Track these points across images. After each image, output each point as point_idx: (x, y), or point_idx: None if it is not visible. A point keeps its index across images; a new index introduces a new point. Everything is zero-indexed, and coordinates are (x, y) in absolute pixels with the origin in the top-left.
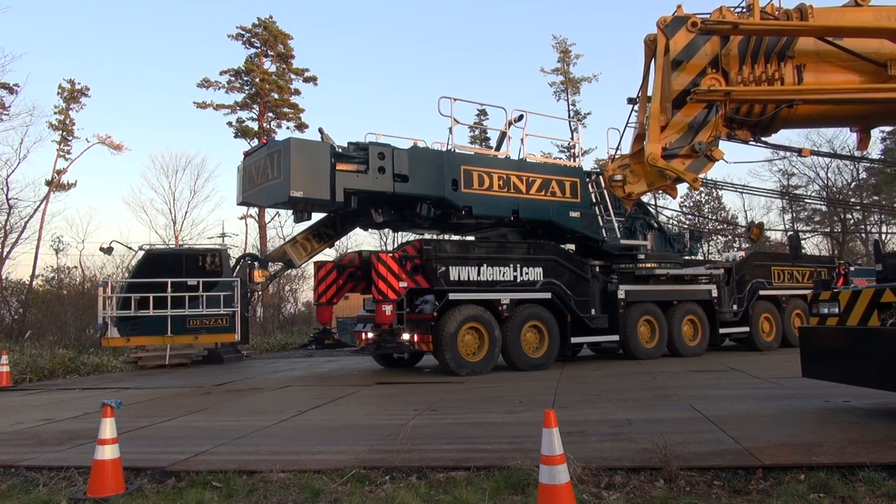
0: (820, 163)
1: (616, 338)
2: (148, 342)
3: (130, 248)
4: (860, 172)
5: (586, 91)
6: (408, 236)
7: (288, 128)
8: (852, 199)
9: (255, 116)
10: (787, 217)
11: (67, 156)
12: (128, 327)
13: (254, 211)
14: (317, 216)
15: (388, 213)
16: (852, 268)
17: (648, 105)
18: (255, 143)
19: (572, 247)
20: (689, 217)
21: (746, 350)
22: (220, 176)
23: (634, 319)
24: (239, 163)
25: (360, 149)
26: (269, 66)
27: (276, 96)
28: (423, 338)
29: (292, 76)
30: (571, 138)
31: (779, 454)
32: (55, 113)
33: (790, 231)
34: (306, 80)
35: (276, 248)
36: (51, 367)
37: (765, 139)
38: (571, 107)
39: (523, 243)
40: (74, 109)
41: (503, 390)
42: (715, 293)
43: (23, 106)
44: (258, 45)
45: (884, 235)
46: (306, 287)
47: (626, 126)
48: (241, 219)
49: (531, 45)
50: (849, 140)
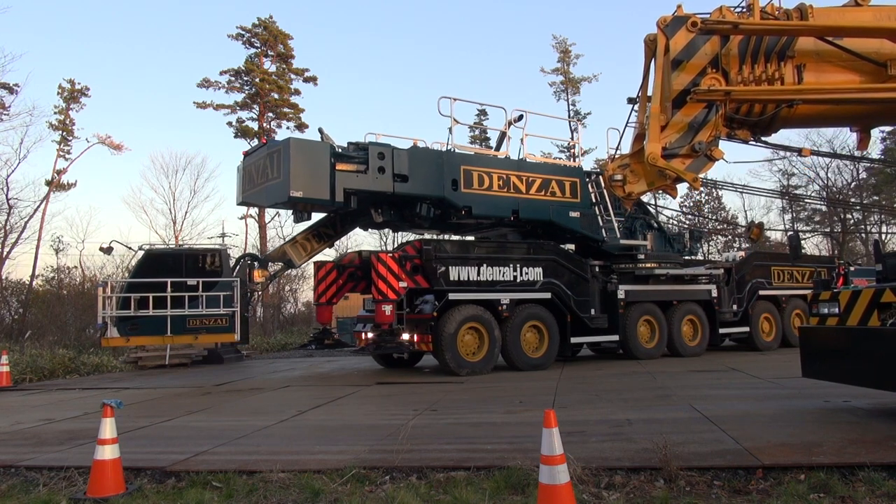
0: (820, 163)
1: (616, 338)
2: (147, 342)
3: (130, 248)
4: (860, 172)
5: (586, 91)
6: (408, 236)
7: (288, 128)
8: (852, 199)
9: (255, 116)
10: (787, 217)
11: (67, 156)
12: (127, 327)
13: (254, 211)
14: (317, 216)
15: (387, 213)
16: (852, 268)
17: (648, 105)
18: (255, 143)
19: (572, 247)
20: (689, 217)
21: (746, 350)
22: (220, 176)
23: (634, 319)
24: (239, 163)
25: (360, 149)
26: (269, 66)
27: (276, 96)
28: (423, 338)
29: (292, 76)
30: (571, 138)
31: (779, 454)
32: (55, 113)
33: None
34: (306, 80)
35: (276, 248)
36: (51, 367)
37: (765, 139)
38: (571, 107)
39: (523, 243)
40: (74, 109)
41: (503, 390)
42: (715, 293)
43: (23, 106)
44: (258, 45)
45: (884, 235)
46: (306, 287)
47: (625, 126)
48: (241, 219)
49: (531, 45)
50: (849, 140)
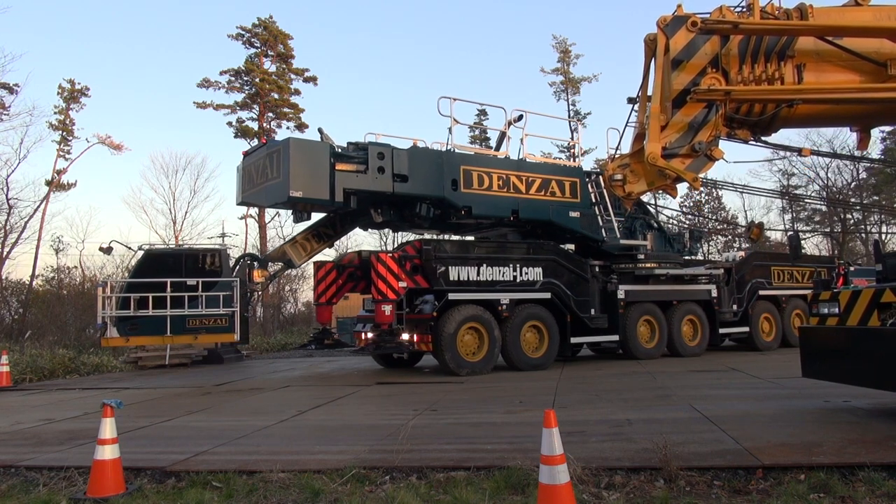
0: (820, 163)
1: (616, 338)
2: (147, 342)
3: (130, 248)
4: (860, 172)
5: (586, 91)
6: (407, 236)
7: (288, 128)
8: (852, 199)
9: (255, 116)
10: (787, 217)
11: (67, 156)
12: (127, 327)
13: (254, 211)
14: (316, 216)
15: (387, 213)
16: (852, 268)
17: (648, 105)
18: (255, 143)
19: (572, 247)
20: (689, 217)
21: (746, 350)
22: (220, 176)
23: (634, 319)
24: (238, 163)
25: (360, 149)
26: (269, 66)
27: (276, 96)
28: (423, 338)
29: (292, 76)
30: (571, 138)
31: (779, 454)
32: (55, 113)
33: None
34: (306, 80)
35: (276, 248)
36: (51, 367)
37: (765, 139)
38: (571, 107)
39: (523, 243)
40: (74, 109)
41: (503, 390)
42: (715, 293)
43: (23, 106)
44: (258, 45)
45: (884, 235)
46: (306, 287)
47: (625, 126)
48: (241, 219)
49: (531, 45)
50: (849, 140)
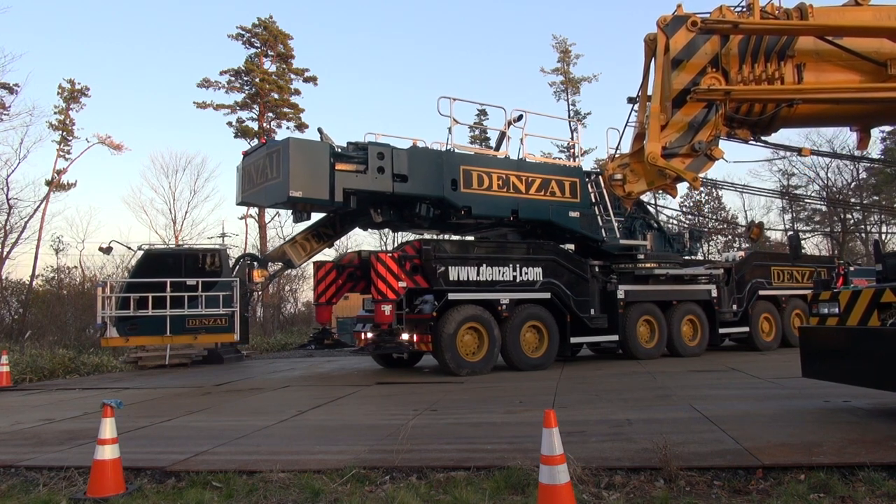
0: (820, 163)
1: (615, 338)
2: (147, 342)
3: (130, 248)
4: (860, 172)
5: (586, 91)
6: (407, 236)
7: (288, 128)
8: (852, 199)
9: (255, 116)
10: (787, 217)
11: (67, 156)
12: (127, 327)
13: (254, 211)
14: (316, 216)
15: (387, 213)
16: (852, 268)
17: (648, 104)
18: (255, 143)
19: (572, 247)
20: (689, 217)
21: (746, 350)
22: (220, 176)
23: (634, 319)
24: (238, 163)
25: (360, 149)
26: (269, 66)
27: (276, 96)
28: (423, 338)
29: (292, 76)
30: (571, 138)
31: (779, 454)
32: (55, 113)
33: (790, 231)
34: (306, 80)
35: (276, 248)
36: (51, 367)
37: (765, 138)
38: (571, 107)
39: (523, 243)
40: (74, 109)
41: (503, 390)
42: (714, 293)
43: (23, 106)
44: (258, 45)
45: (884, 235)
46: (306, 287)
47: (625, 125)
48: (241, 219)
49: (531, 45)
50: (849, 140)
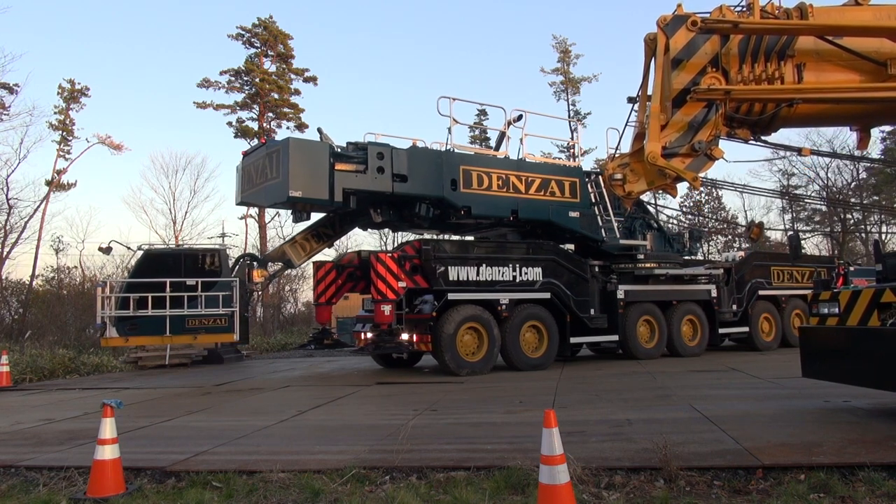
0: (820, 163)
1: (615, 338)
2: (146, 342)
3: (129, 248)
4: (860, 172)
5: (586, 91)
6: (407, 236)
7: (288, 128)
8: (852, 199)
9: (255, 116)
10: (787, 217)
11: (67, 156)
12: (126, 327)
13: (254, 211)
14: (316, 216)
15: (387, 213)
16: (852, 268)
17: (648, 104)
18: (255, 143)
19: (571, 247)
20: (688, 217)
21: (746, 350)
22: (220, 176)
23: (634, 319)
24: (238, 163)
25: (359, 149)
26: (269, 66)
27: (276, 96)
28: (422, 338)
29: (292, 76)
30: (571, 138)
31: (779, 454)
32: (55, 113)
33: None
34: (306, 80)
35: (275, 248)
36: (51, 367)
37: (765, 138)
38: (571, 107)
39: (522, 243)
40: (74, 109)
41: (503, 390)
42: (714, 293)
43: (23, 106)
44: (258, 45)
45: (884, 235)
46: (306, 287)
47: (625, 125)
48: (242, 219)
49: (531, 45)
50: (849, 140)
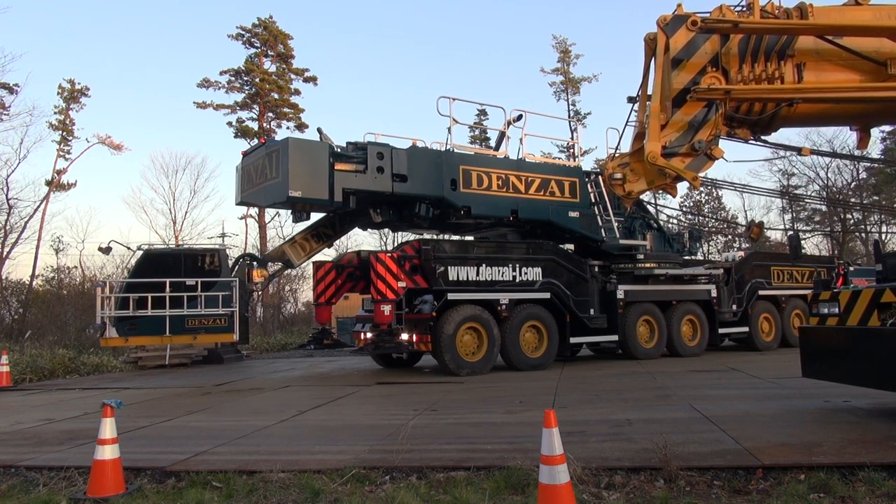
0: (820, 163)
1: (615, 338)
2: (146, 342)
3: (129, 248)
4: (860, 172)
5: (586, 91)
6: (407, 236)
7: (288, 128)
8: (852, 199)
9: (255, 116)
10: (787, 217)
11: (67, 156)
12: (126, 327)
13: (254, 211)
14: (315, 216)
15: (386, 213)
16: (852, 268)
17: (648, 104)
18: (255, 142)
19: (571, 247)
20: (688, 217)
21: (746, 350)
22: (220, 176)
23: (633, 319)
24: (238, 163)
25: (359, 148)
26: (269, 66)
27: (276, 96)
28: (422, 338)
29: (292, 76)
30: (571, 138)
31: (779, 454)
32: (55, 113)
33: (790, 231)
34: (306, 80)
35: (275, 248)
36: (51, 367)
37: (765, 138)
38: (571, 107)
39: (522, 243)
40: (74, 109)
41: (503, 390)
42: (714, 293)
43: (23, 106)
44: (258, 45)
45: (884, 235)
46: (306, 287)
47: (625, 125)
48: (242, 219)
49: (531, 45)
50: (849, 140)
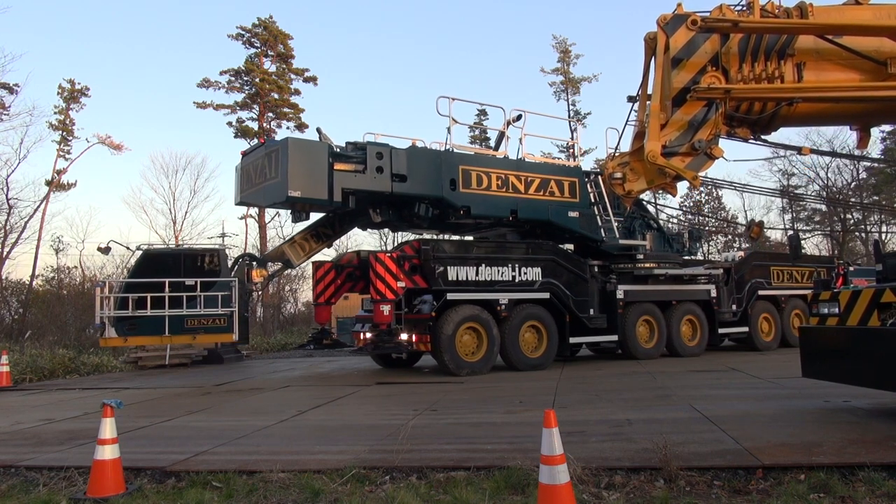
0: (820, 162)
1: (615, 338)
2: (146, 342)
3: (129, 248)
4: (860, 172)
5: (586, 91)
6: (406, 236)
7: (288, 128)
8: (852, 199)
9: (255, 116)
10: (787, 217)
11: (67, 156)
12: (125, 327)
13: (254, 211)
14: (315, 216)
15: (386, 213)
16: (852, 268)
17: (648, 103)
18: (255, 142)
19: (571, 247)
20: (688, 217)
21: (746, 350)
22: (220, 176)
23: (633, 319)
24: (237, 163)
25: (358, 148)
26: (269, 66)
27: (276, 96)
28: (422, 338)
29: (292, 76)
30: (571, 138)
31: (779, 454)
32: (55, 113)
33: (790, 231)
34: (306, 80)
35: (275, 248)
36: (51, 367)
37: (765, 137)
38: (571, 107)
39: (522, 243)
40: (74, 109)
41: (503, 390)
42: (714, 293)
43: (23, 106)
44: (258, 45)
45: (884, 235)
46: (306, 287)
47: (625, 124)
48: (241, 219)
49: (531, 45)
50: (849, 140)
